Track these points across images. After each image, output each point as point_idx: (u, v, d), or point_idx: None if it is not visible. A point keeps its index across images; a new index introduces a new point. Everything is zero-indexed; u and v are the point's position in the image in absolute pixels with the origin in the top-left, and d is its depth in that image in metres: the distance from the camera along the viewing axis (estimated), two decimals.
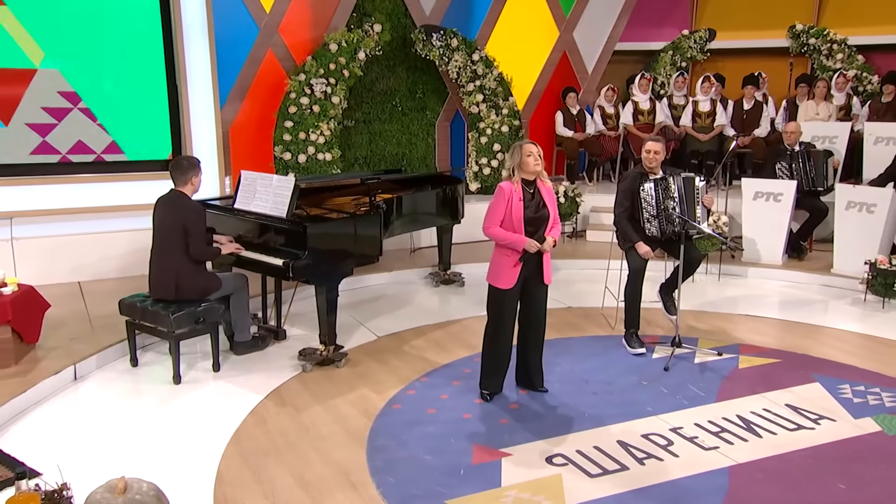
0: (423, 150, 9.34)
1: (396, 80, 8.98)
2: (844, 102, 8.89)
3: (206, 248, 4.90)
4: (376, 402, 4.57)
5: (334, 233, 5.14)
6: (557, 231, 4.48)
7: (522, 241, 4.28)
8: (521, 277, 4.39)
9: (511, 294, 4.42)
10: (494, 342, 4.54)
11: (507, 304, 4.45)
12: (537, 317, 4.59)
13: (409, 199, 6.19)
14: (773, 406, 4.44)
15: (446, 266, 7.05)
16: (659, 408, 4.45)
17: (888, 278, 6.08)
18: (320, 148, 7.72)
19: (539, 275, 4.45)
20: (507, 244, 4.33)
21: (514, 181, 4.36)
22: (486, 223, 4.39)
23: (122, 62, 6.79)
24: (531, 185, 4.39)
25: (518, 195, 4.33)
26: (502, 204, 4.33)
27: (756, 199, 7.11)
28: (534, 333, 4.62)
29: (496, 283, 4.42)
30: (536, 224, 4.36)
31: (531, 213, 4.34)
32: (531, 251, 4.30)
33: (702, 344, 5.43)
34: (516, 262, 4.34)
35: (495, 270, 4.43)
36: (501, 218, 4.33)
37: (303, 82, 7.63)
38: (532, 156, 4.31)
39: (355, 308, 6.39)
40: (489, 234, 4.38)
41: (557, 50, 9.46)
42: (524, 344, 4.66)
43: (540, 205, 4.38)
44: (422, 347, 5.49)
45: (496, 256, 4.44)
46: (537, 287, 4.49)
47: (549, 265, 4.48)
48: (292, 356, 5.21)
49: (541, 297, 4.55)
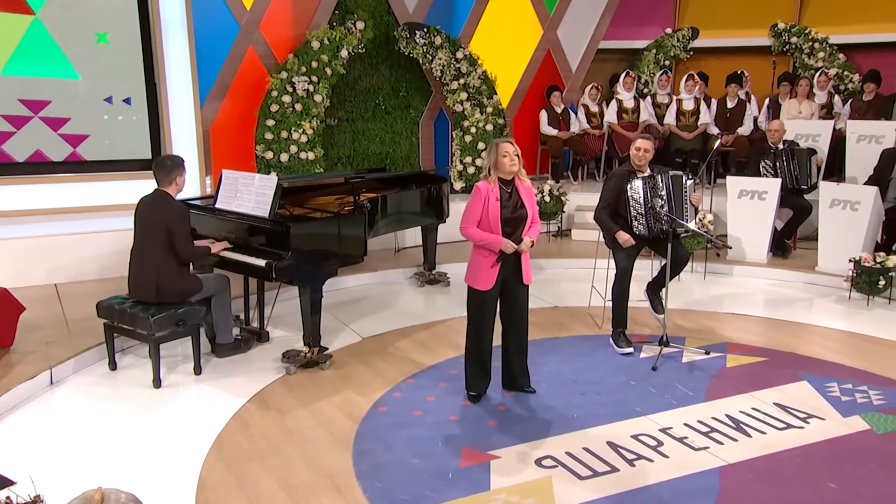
0: (406, 149, 9.26)
1: (379, 78, 8.90)
2: (826, 101, 8.94)
3: (194, 248, 4.80)
4: (361, 404, 4.50)
5: (318, 233, 5.05)
6: (536, 231, 4.40)
7: (499, 241, 4.21)
8: (500, 278, 4.33)
9: (490, 295, 4.35)
10: (475, 344, 4.48)
11: (486, 306, 4.38)
12: (519, 318, 4.51)
13: (394, 199, 6.11)
14: (761, 405, 4.41)
15: (431, 266, 6.98)
16: (648, 408, 4.41)
17: (872, 276, 6.09)
18: (303, 147, 7.62)
19: (518, 275, 4.38)
20: (484, 245, 4.26)
21: (491, 181, 4.28)
22: (462, 223, 4.33)
23: (100, 58, 6.66)
24: (509, 184, 4.32)
25: (495, 195, 4.26)
26: (479, 204, 4.26)
27: (741, 197, 7.11)
28: (515, 335, 4.55)
29: (474, 285, 4.35)
30: (514, 224, 4.30)
31: (508, 214, 4.27)
32: (508, 252, 4.24)
33: (689, 343, 5.41)
34: (494, 263, 4.28)
35: (473, 271, 4.37)
36: (478, 218, 4.26)
37: (285, 80, 7.52)
38: (508, 156, 4.23)
39: (339, 309, 6.30)
40: (466, 234, 4.32)
41: (541, 48, 9.43)
42: (507, 346, 4.60)
43: (518, 204, 4.31)
44: (407, 349, 5.42)
45: (474, 257, 4.38)
46: (517, 287, 4.42)
47: (528, 265, 4.40)
48: (275, 358, 5.12)
49: (521, 297, 4.47)
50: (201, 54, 7.20)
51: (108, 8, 6.62)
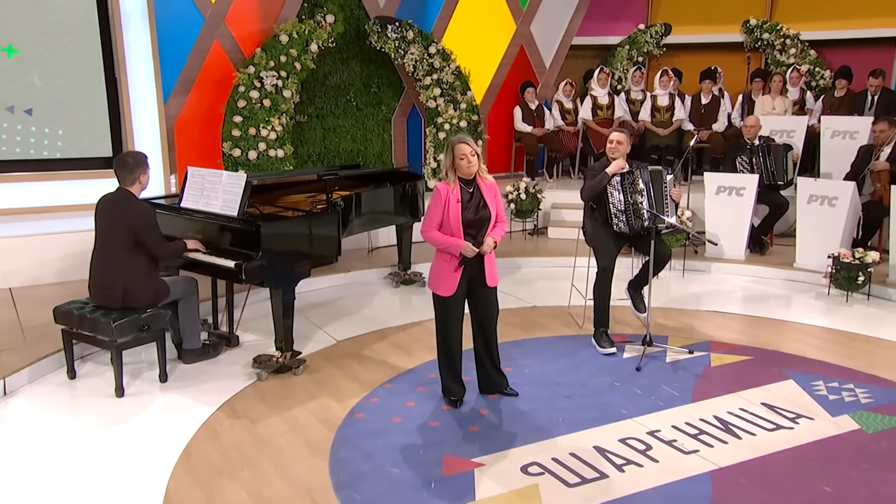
0: (379, 147, 9.07)
1: (350, 73, 8.70)
2: (798, 97, 8.94)
3: (170, 246, 4.58)
4: (338, 411, 4.31)
5: (290, 232, 4.85)
6: (500, 231, 4.22)
7: (458, 245, 4.05)
8: (464, 281, 4.16)
9: (454, 300, 4.18)
10: (444, 349, 4.33)
11: (451, 312, 4.21)
12: (486, 320, 4.34)
13: (368, 197, 5.92)
14: (749, 405, 4.32)
15: (406, 266, 6.80)
16: (634, 410, 4.29)
17: (851, 272, 6.05)
18: (272, 144, 7.38)
19: (483, 277, 4.21)
20: (445, 248, 4.10)
21: (451, 182, 4.11)
22: (423, 226, 4.17)
23: (56, 52, 6.36)
24: (470, 183, 4.14)
25: (455, 196, 4.08)
26: (438, 206, 4.08)
27: (718, 193, 7.05)
28: (483, 339, 4.38)
29: (437, 290, 4.19)
30: (477, 226, 4.13)
31: (470, 215, 4.10)
32: (469, 256, 4.07)
33: (672, 342, 5.30)
34: (456, 267, 4.11)
35: (436, 276, 4.20)
36: (439, 221, 4.09)
37: (252, 75, 7.27)
38: (465, 158, 4.04)
39: (312, 311, 6.09)
40: (426, 237, 4.15)
41: (514, 43, 9.29)
42: (477, 350, 4.44)
43: (480, 205, 4.13)
44: (384, 351, 5.23)
45: (436, 261, 4.21)
46: (482, 290, 4.25)
47: (493, 266, 4.23)
48: (246, 364, 4.91)
49: (488, 300, 4.30)
50: (164, 48, 6.93)
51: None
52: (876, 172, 6.65)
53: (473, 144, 4.10)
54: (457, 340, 4.31)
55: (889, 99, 8.03)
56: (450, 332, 4.27)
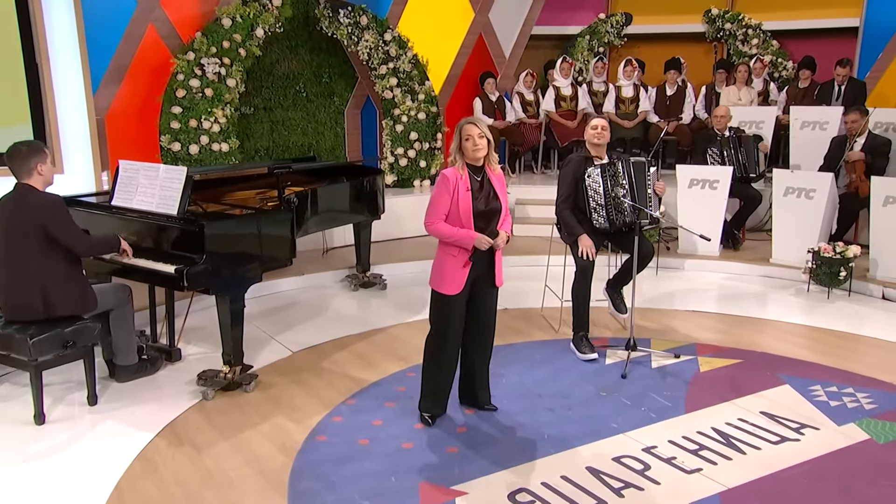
0: (331, 141, 8.54)
1: (299, 62, 8.15)
2: (762, 88, 8.75)
3: (92, 238, 4.00)
4: (296, 433, 3.82)
5: (237, 233, 4.32)
6: (510, 224, 3.87)
7: (472, 237, 3.63)
8: (470, 279, 3.75)
9: (458, 300, 3.76)
10: (439, 357, 3.87)
11: (453, 312, 3.78)
12: (486, 324, 3.94)
13: (325, 193, 5.43)
14: (747, 415, 3.98)
15: (365, 267, 6.31)
16: (625, 423, 3.90)
17: (833, 267, 5.81)
18: (215, 137, 6.78)
19: (490, 276, 3.81)
20: (455, 242, 3.67)
21: (459, 168, 3.69)
22: (428, 218, 3.71)
23: None
24: (479, 171, 3.73)
25: (465, 184, 3.66)
26: (446, 195, 3.65)
27: (691, 186, 6.75)
28: (481, 343, 3.97)
29: (441, 289, 3.75)
30: (488, 218, 3.72)
31: (481, 206, 3.69)
32: (483, 248, 3.66)
33: (655, 345, 4.95)
34: (466, 263, 3.69)
35: (439, 273, 3.76)
36: (446, 211, 3.67)
37: (192, 62, 6.67)
38: (471, 139, 3.64)
39: (264, 318, 5.55)
40: (433, 230, 3.70)
41: (473, 32, 8.85)
42: (470, 356, 4.01)
43: (490, 195, 3.73)
44: (345, 362, 4.75)
45: (441, 257, 3.77)
46: (487, 290, 3.86)
47: (501, 264, 3.85)
48: (190, 381, 4.38)
49: (491, 301, 3.92)
50: (92, 33, 6.24)
51: None
52: (851, 163, 6.44)
53: (484, 128, 3.69)
54: (455, 349, 3.88)
55: (855, 89, 7.88)
56: (448, 337, 3.82)
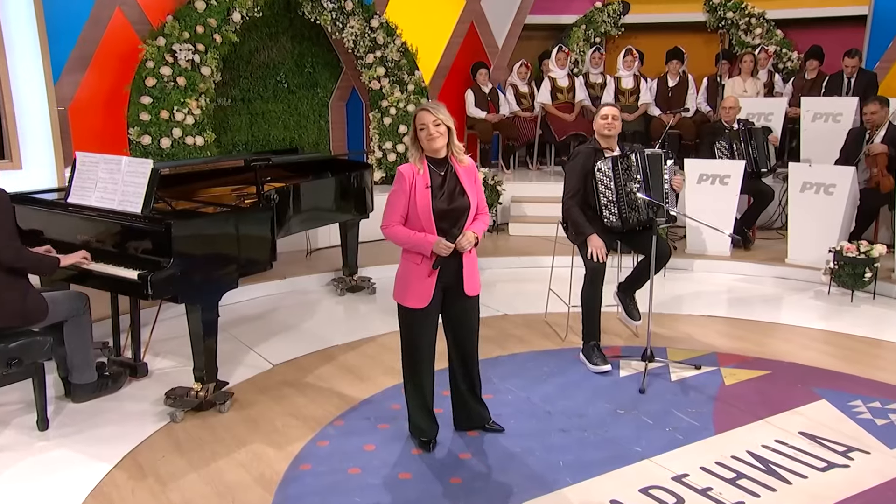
0: (315, 135, 8.06)
1: (280, 51, 7.67)
2: (767, 80, 8.37)
3: (22, 249, 3.48)
4: (276, 462, 3.35)
5: (210, 233, 3.84)
6: (482, 224, 3.34)
7: (429, 241, 3.16)
8: (438, 290, 3.27)
9: (426, 314, 3.29)
10: (412, 376, 3.42)
11: (422, 329, 3.32)
12: (465, 341, 3.45)
13: (309, 189, 4.96)
14: (785, 436, 3.55)
15: (352, 270, 5.83)
16: (650, 447, 3.46)
17: (857, 267, 5.40)
18: (189, 130, 6.27)
19: (460, 284, 3.30)
20: (412, 247, 3.21)
21: (416, 162, 3.22)
22: (384, 220, 3.27)
23: None
24: (441, 164, 3.25)
25: (423, 181, 3.19)
26: (402, 194, 3.19)
27: (700, 182, 6.32)
28: (462, 362, 3.49)
29: (405, 302, 3.28)
30: (452, 218, 3.24)
31: (444, 205, 3.21)
32: (443, 254, 3.18)
33: (672, 355, 4.52)
34: (430, 271, 3.22)
35: (402, 284, 3.30)
36: (403, 212, 3.21)
37: (162, 48, 6.14)
38: (424, 128, 3.16)
39: (241, 327, 5.06)
40: (388, 234, 3.26)
41: (464, 20, 8.39)
42: (456, 376, 3.54)
43: (456, 191, 3.25)
44: (332, 377, 4.27)
45: (403, 266, 3.31)
46: (461, 301, 3.35)
47: (473, 269, 3.33)
48: (157, 400, 3.90)
49: (466, 313, 3.40)
50: (53, 17, 5.73)
51: None
52: (872, 156, 6.04)
53: (441, 113, 3.19)
54: (429, 366, 3.41)
55: (866, 79, 7.50)
56: (420, 356, 3.36)
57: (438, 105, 3.26)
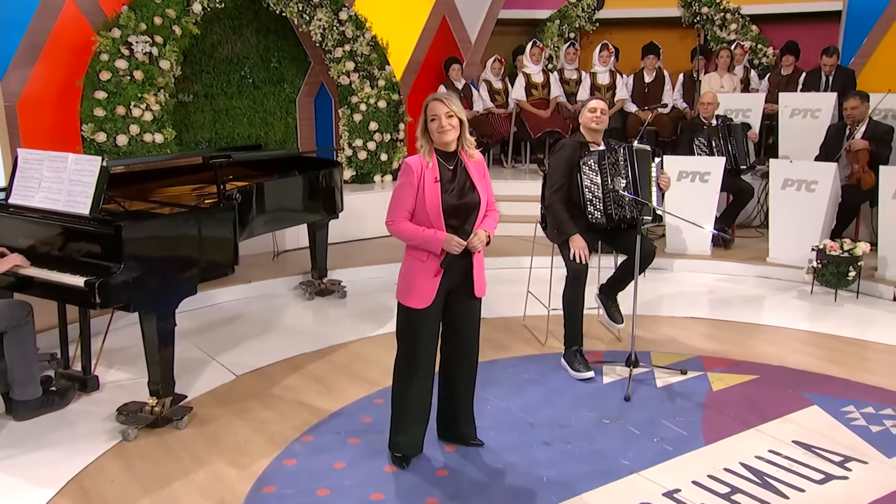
0: (282, 132, 7.78)
1: (244, 44, 7.38)
2: (743, 76, 8.26)
3: None
4: (238, 483, 3.10)
5: (166, 235, 3.57)
6: (493, 222, 3.19)
7: (439, 238, 2.97)
8: (443, 290, 3.07)
9: (429, 315, 3.09)
10: (408, 383, 3.19)
11: (424, 330, 3.12)
12: (467, 344, 3.28)
13: (274, 188, 4.69)
14: (779, 445, 3.37)
15: (322, 273, 5.56)
16: (638, 459, 3.26)
17: (841, 266, 5.28)
18: (147, 127, 5.94)
19: (468, 285, 3.15)
20: (421, 244, 3.01)
21: (426, 155, 3.02)
22: (389, 215, 3.07)
23: None
24: (451, 158, 3.07)
25: (433, 174, 3.00)
26: (410, 188, 3.00)
27: (680, 179, 6.16)
28: (463, 368, 3.31)
29: (408, 302, 3.09)
30: (463, 214, 3.05)
31: (453, 200, 3.02)
32: (454, 252, 2.98)
33: (656, 359, 4.34)
34: (437, 270, 3.03)
35: (407, 283, 3.10)
36: (411, 208, 3.02)
37: (118, 40, 5.81)
38: (436, 119, 2.98)
39: (202, 335, 4.78)
40: (395, 230, 3.06)
41: (436, 14, 8.14)
42: (450, 383, 3.34)
43: (466, 187, 3.06)
44: (299, 388, 4.02)
45: (407, 263, 3.12)
46: (466, 303, 3.20)
47: (481, 271, 3.19)
48: (108, 416, 3.62)
49: (471, 316, 3.25)
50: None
51: None
52: (853, 152, 5.93)
53: (454, 105, 3.01)
54: (428, 373, 3.20)
55: (844, 77, 7.41)
56: (419, 360, 3.15)
57: (451, 95, 3.11)
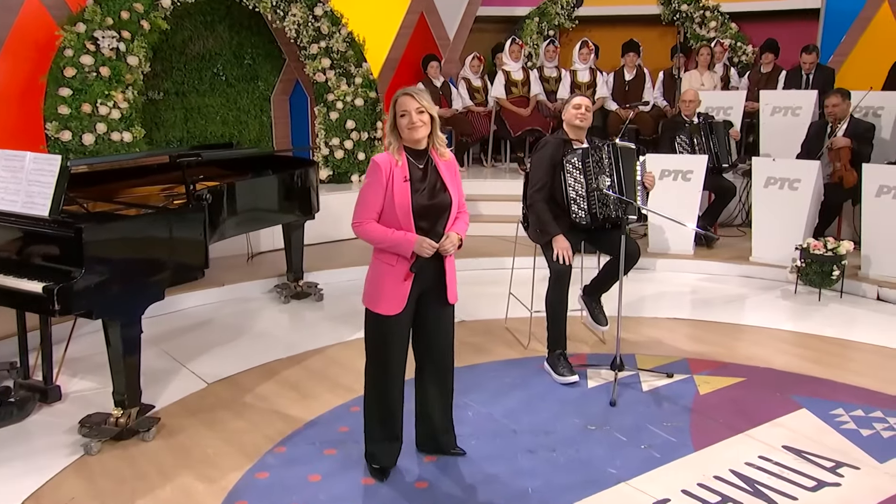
0: (256, 131, 7.60)
1: (217, 40, 7.19)
2: (723, 73, 8.22)
3: None
4: (207, 498, 2.96)
5: (130, 237, 3.40)
6: (464, 224, 3.04)
7: (410, 241, 2.83)
8: (413, 296, 2.93)
9: (399, 322, 2.95)
10: (381, 392, 3.06)
11: (393, 338, 2.97)
12: (440, 352, 3.12)
13: (246, 188, 4.54)
14: (769, 451, 3.28)
15: (298, 275, 5.40)
16: (625, 468, 3.15)
17: (825, 265, 5.22)
18: (115, 125, 5.73)
19: (440, 290, 2.99)
20: (390, 247, 2.87)
21: (395, 152, 2.88)
22: (356, 216, 2.91)
23: None
24: (421, 156, 2.93)
25: (402, 173, 2.85)
26: (378, 187, 2.85)
27: (662, 178, 6.06)
28: (437, 377, 3.16)
29: (376, 308, 2.93)
30: (433, 215, 2.91)
31: (424, 200, 2.88)
32: (425, 255, 2.84)
33: (641, 362, 4.24)
34: (406, 275, 2.89)
35: (374, 288, 2.95)
36: (378, 208, 2.87)
37: (83, 35, 5.60)
38: (406, 115, 2.84)
39: (172, 341, 4.60)
40: (361, 232, 2.90)
41: (414, 10, 8.00)
42: (424, 393, 3.19)
43: (437, 187, 2.93)
44: (273, 396, 3.86)
45: (375, 267, 2.97)
46: (438, 309, 3.04)
47: (453, 275, 3.03)
48: (70, 428, 3.45)
49: (444, 322, 3.09)
50: None
51: None
52: (835, 150, 5.88)
53: (425, 100, 2.87)
54: (398, 381, 3.06)
55: (824, 76, 7.38)
56: (390, 371, 3.01)
57: (422, 90, 2.95)
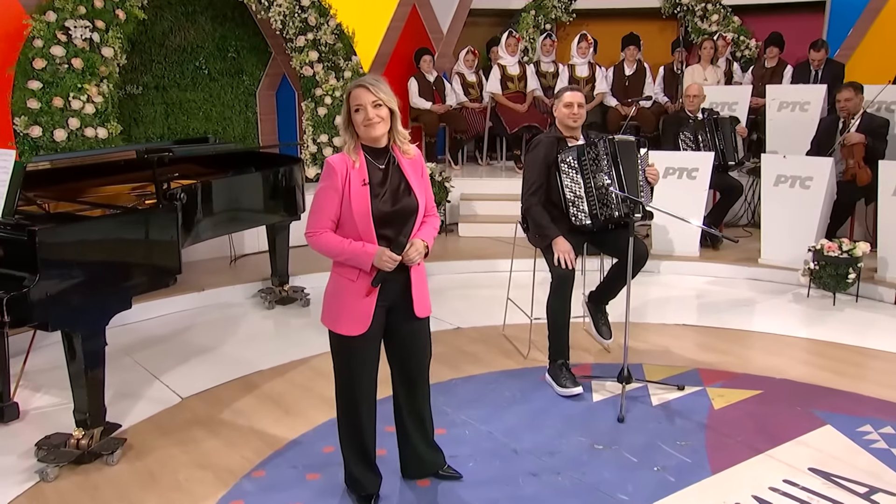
0: (241, 127, 7.29)
1: (198, 32, 6.89)
2: (726, 68, 7.95)
3: None
4: None
5: (92, 240, 3.10)
6: (432, 229, 2.68)
7: (369, 253, 2.50)
8: (381, 311, 2.61)
9: (365, 341, 2.61)
10: (350, 418, 2.74)
11: (360, 361, 2.65)
12: (414, 372, 2.79)
13: (224, 186, 4.24)
14: (794, 474, 2.99)
15: (283, 279, 5.09)
16: (637, 494, 2.86)
17: (839, 268, 4.94)
18: (89, 121, 5.41)
19: (409, 303, 2.65)
20: (346, 260, 2.54)
21: (350, 151, 2.55)
22: (309, 226, 2.59)
23: None
24: (381, 155, 2.59)
25: (360, 176, 2.52)
26: (333, 193, 2.52)
27: (667, 176, 5.78)
28: (410, 399, 2.82)
29: (338, 329, 2.60)
30: (398, 222, 2.58)
31: (386, 206, 2.55)
32: (386, 269, 2.52)
33: (650, 373, 3.95)
34: (368, 290, 2.55)
35: (334, 306, 2.62)
36: (335, 216, 2.54)
37: (53, 24, 5.27)
38: (361, 110, 2.51)
39: (145, 351, 4.29)
40: (314, 243, 2.57)
41: (406, 2, 7.69)
42: (403, 418, 2.86)
43: (401, 189, 2.59)
44: (252, 412, 3.56)
45: (334, 282, 2.64)
46: (409, 324, 2.69)
47: (422, 286, 2.69)
48: (26, 451, 3.14)
49: (417, 338, 2.74)
50: None
51: None
52: (848, 147, 5.60)
53: (382, 92, 2.54)
54: (369, 405, 2.74)
55: (833, 71, 7.12)
56: (358, 393, 2.68)
57: (379, 80, 2.59)
